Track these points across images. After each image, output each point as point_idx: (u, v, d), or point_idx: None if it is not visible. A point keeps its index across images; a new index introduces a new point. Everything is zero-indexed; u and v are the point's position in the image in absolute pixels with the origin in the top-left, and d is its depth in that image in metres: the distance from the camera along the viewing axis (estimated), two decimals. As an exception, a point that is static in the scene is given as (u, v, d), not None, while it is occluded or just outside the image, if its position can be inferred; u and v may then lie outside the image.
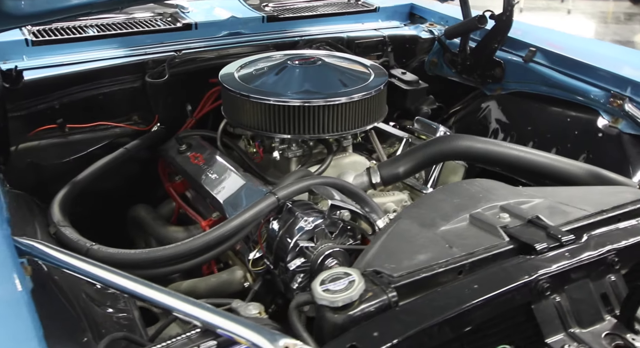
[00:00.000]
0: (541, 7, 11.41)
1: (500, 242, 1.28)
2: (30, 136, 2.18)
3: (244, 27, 2.66)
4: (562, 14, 11.00)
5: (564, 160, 1.78)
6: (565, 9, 11.30)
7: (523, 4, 10.94)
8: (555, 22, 9.80)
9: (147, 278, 1.76)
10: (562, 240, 1.26)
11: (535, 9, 11.11)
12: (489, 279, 1.19)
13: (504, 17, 2.52)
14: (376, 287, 1.15)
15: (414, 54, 2.99)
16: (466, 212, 1.40)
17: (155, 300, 1.17)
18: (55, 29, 2.43)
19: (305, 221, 1.59)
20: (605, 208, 1.40)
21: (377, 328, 1.07)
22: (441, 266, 1.21)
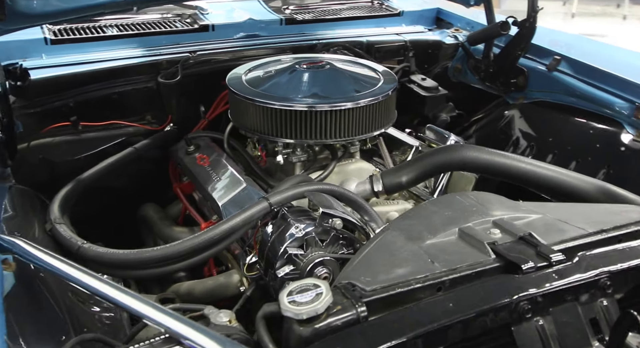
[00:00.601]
0: (595, 13, 10.99)
1: (486, 259, 1.23)
2: (44, 133, 2.22)
3: (262, 29, 2.65)
4: (617, 20, 10.53)
5: (572, 175, 1.70)
6: (620, 15, 10.83)
7: (575, 9, 10.60)
8: (610, 29, 9.46)
9: (137, 278, 1.78)
10: (551, 260, 1.20)
11: (588, 15, 10.72)
12: (466, 298, 1.14)
13: (527, 24, 2.44)
14: (346, 300, 1.11)
15: (437, 60, 2.93)
16: (456, 226, 1.35)
17: (125, 305, 1.16)
18: (75, 28, 2.48)
19: (297, 228, 1.56)
20: (605, 228, 1.33)
21: (341, 343, 1.04)
22: (419, 281, 1.16)
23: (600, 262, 1.22)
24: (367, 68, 2.24)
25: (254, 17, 2.66)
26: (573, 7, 10.68)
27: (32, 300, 1.39)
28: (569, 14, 10.70)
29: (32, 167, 2.17)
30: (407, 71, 2.78)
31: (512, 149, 2.48)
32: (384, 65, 2.67)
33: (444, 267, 1.21)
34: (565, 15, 10.72)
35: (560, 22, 10.28)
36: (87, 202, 2.22)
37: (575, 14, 10.57)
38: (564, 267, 1.20)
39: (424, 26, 3.09)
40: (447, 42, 2.91)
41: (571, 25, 9.94)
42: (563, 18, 10.61)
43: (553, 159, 2.30)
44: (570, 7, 10.81)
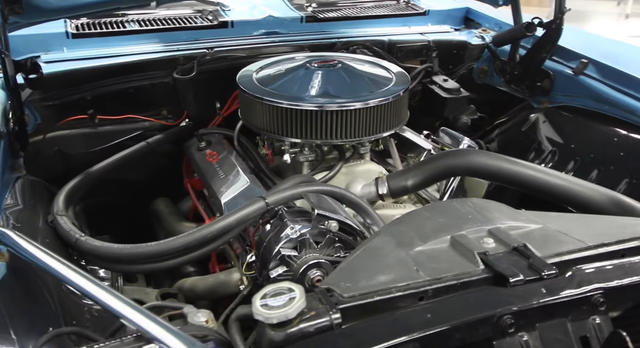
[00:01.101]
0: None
1: (474, 270, 1.18)
2: (60, 125, 2.25)
3: (282, 26, 2.64)
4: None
5: (583, 184, 1.63)
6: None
7: (630, 10, 10.24)
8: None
9: (131, 273, 1.78)
10: (542, 274, 1.15)
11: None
12: (446, 309, 1.10)
13: (553, 26, 2.35)
14: (322, 306, 1.08)
15: (462, 61, 2.86)
16: (448, 234, 1.30)
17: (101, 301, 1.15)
18: (97, 23, 2.51)
19: (292, 229, 1.54)
20: (607, 241, 1.27)
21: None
22: (400, 290, 1.12)
23: (595, 278, 1.16)
24: (380, 68, 2.20)
25: (274, 14, 2.64)
26: (628, 7, 10.31)
27: (24, 291, 1.41)
28: (623, 14, 10.34)
29: (47, 159, 2.21)
30: (430, 72, 2.72)
31: (534, 154, 2.40)
32: (406, 65, 2.64)
33: (428, 275, 1.16)
34: (619, 16, 10.37)
35: (614, 22, 9.95)
36: (102, 194, 2.26)
37: (629, 14, 10.19)
38: (554, 281, 1.15)
39: (451, 26, 3.02)
40: (473, 43, 2.84)
41: (625, 26, 9.60)
42: (617, 19, 10.26)
43: (574, 166, 2.22)
44: (624, 7, 10.44)
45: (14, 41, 2.30)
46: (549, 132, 2.40)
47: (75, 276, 1.20)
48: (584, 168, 2.17)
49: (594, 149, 2.20)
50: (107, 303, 1.13)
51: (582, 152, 2.23)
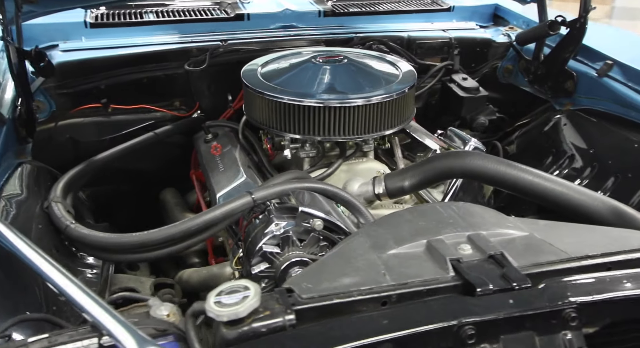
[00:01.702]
0: None
1: (443, 276, 1.14)
2: (73, 113, 2.29)
3: (299, 20, 2.61)
4: None
5: (583, 192, 1.55)
6: None
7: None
8: None
9: (117, 262, 1.80)
10: (513, 284, 1.10)
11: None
12: (406, 316, 1.06)
13: (577, 24, 2.26)
14: (278, 306, 1.06)
15: (486, 59, 2.77)
16: (425, 238, 1.26)
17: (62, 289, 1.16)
18: (115, 13, 2.55)
19: (277, 225, 1.52)
20: (593, 253, 1.20)
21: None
22: (361, 293, 1.09)
23: (570, 291, 1.10)
24: (388, 64, 2.15)
25: (291, 7, 2.62)
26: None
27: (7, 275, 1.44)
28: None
29: (59, 146, 2.25)
30: (451, 69, 2.65)
31: (551, 158, 2.32)
32: (425, 62, 2.59)
33: (395, 280, 1.13)
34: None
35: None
36: (112, 182, 2.30)
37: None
38: (525, 293, 1.09)
39: (478, 23, 2.94)
40: (498, 41, 2.75)
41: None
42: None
43: (591, 172, 2.13)
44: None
45: (34, 29, 2.37)
46: (569, 136, 2.30)
47: (42, 263, 1.21)
48: (600, 174, 2.08)
49: (613, 156, 2.10)
50: (67, 292, 1.14)
51: (600, 157, 2.13)
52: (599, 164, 2.11)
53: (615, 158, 2.09)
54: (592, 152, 2.17)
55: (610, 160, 2.09)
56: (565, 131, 2.32)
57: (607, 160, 2.10)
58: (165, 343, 1.11)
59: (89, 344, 1.02)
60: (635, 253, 1.22)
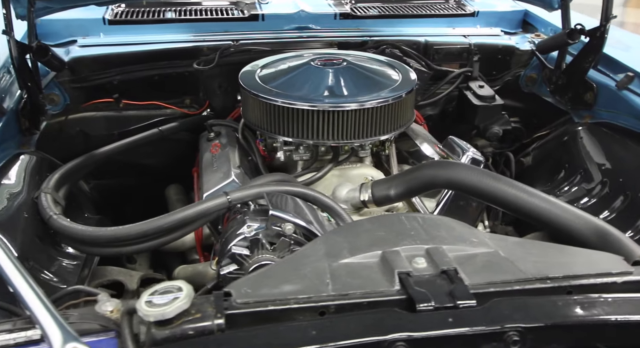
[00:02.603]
0: None
1: (387, 290, 1.10)
2: (85, 106, 2.35)
3: (314, 22, 2.60)
4: None
5: (568, 210, 1.48)
6: None
7: None
8: None
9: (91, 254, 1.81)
10: (457, 302, 1.05)
11: None
12: (336, 329, 1.03)
13: (597, 34, 2.15)
14: (211, 309, 1.06)
15: (508, 67, 2.68)
16: (381, 248, 1.22)
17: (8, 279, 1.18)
18: (133, 11, 2.60)
19: (249, 227, 1.51)
20: (553, 275, 1.14)
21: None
22: (298, 302, 1.07)
23: (516, 313, 1.05)
24: (390, 68, 2.11)
25: (307, 9, 2.61)
26: None
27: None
28: None
29: (69, 138, 2.32)
30: (469, 76, 2.58)
31: (564, 173, 2.22)
32: (442, 68, 2.53)
33: (337, 290, 1.10)
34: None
35: None
36: (118, 175, 2.34)
37: None
38: (467, 312, 1.05)
39: (506, 29, 2.85)
40: (522, 49, 2.65)
41: None
42: None
43: (601, 190, 2.03)
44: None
45: (56, 25, 2.46)
46: (584, 151, 2.20)
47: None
48: (610, 192, 1.98)
49: (624, 172, 1.99)
50: (13, 283, 1.16)
51: (611, 173, 2.03)
52: (610, 181, 2.01)
53: (626, 175, 1.98)
54: (605, 169, 2.07)
55: (622, 178, 1.98)
56: (581, 146, 2.22)
57: (617, 176, 1.99)
58: (105, 339, 1.12)
59: (17, 337, 1.04)
60: (600, 278, 1.15)
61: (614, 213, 1.91)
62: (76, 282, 1.68)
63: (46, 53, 1.98)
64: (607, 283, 1.14)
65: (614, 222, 1.90)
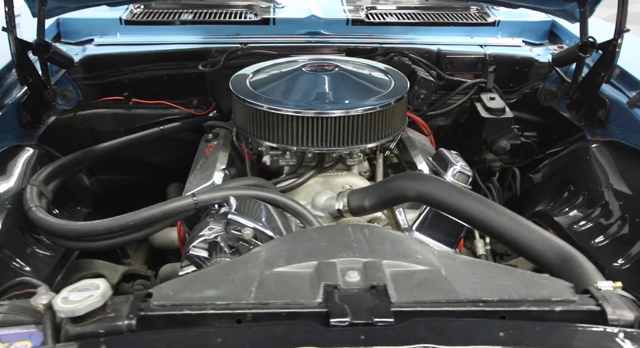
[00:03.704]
0: None
1: (308, 302, 1.08)
2: (95, 103, 2.42)
3: (325, 27, 2.58)
4: None
5: (535, 231, 1.40)
6: None
7: None
8: None
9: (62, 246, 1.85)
10: (374, 319, 1.02)
11: None
12: (242, 338, 1.02)
13: (610, 47, 2.05)
14: (126, 310, 1.06)
15: (527, 79, 2.58)
16: (318, 259, 1.20)
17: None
18: (151, 12, 2.67)
19: (210, 229, 1.51)
20: (487, 299, 1.09)
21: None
22: (215, 308, 1.06)
23: (432, 336, 1.00)
24: (385, 76, 2.07)
25: (320, 14, 2.60)
26: None
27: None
28: None
29: (78, 134, 2.39)
30: (483, 88, 2.50)
31: (567, 194, 2.11)
32: (454, 78, 2.47)
33: (259, 299, 1.09)
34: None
35: None
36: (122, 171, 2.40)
37: None
38: (381, 331, 1.01)
39: (530, 40, 2.74)
40: (541, 61, 2.55)
41: None
42: None
43: (600, 212, 1.92)
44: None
45: (77, 24, 2.55)
46: (589, 171, 2.08)
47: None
48: (607, 215, 1.87)
49: (625, 195, 1.88)
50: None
51: (613, 195, 1.92)
52: (611, 204, 1.90)
53: (627, 198, 1.87)
54: (608, 191, 1.95)
55: (622, 200, 1.87)
56: (589, 166, 2.10)
57: (619, 198, 1.88)
58: (34, 332, 1.14)
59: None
60: (538, 305, 1.09)
61: (607, 239, 1.81)
62: (49, 273, 1.72)
63: (47, 50, 2.05)
64: (544, 311, 1.08)
65: (607, 248, 1.81)
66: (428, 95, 2.37)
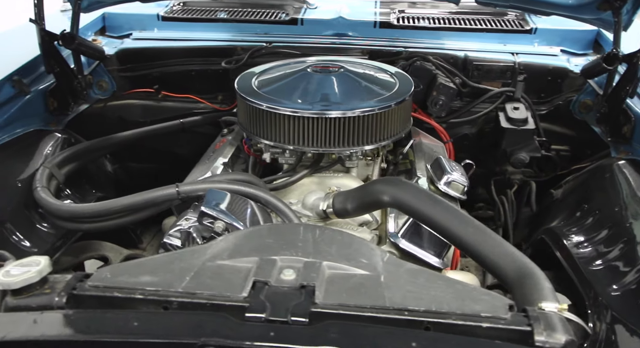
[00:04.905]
0: None
1: (233, 295, 1.10)
2: (126, 94, 2.54)
3: (352, 29, 2.58)
4: None
5: (500, 245, 1.34)
6: None
7: None
8: None
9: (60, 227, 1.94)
10: (289, 318, 1.03)
11: None
12: (158, 323, 1.05)
13: (634, 60, 1.94)
14: (61, 287, 1.13)
15: (560, 90, 2.47)
16: (261, 255, 1.22)
17: None
18: (187, 9, 2.76)
19: (187, 220, 1.56)
20: (413, 308, 1.08)
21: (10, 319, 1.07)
22: (144, 294, 1.11)
23: (341, 339, 1.00)
24: (392, 78, 2.04)
25: (348, 16, 2.60)
26: None
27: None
28: None
29: (108, 122, 2.51)
30: (511, 97, 2.42)
31: (579, 213, 2.00)
32: (480, 86, 2.42)
33: (188, 288, 1.12)
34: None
35: None
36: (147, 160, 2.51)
37: None
38: (293, 329, 1.02)
39: (573, 49, 2.62)
40: (576, 71, 2.43)
41: None
42: None
43: (607, 233, 1.81)
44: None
45: (120, 19, 2.69)
46: (604, 191, 1.97)
47: None
48: (612, 238, 1.76)
49: (635, 218, 1.77)
50: None
51: (622, 219, 1.80)
52: (616, 224, 1.79)
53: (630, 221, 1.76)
54: (617, 210, 1.84)
55: (628, 222, 1.76)
56: (605, 185, 1.98)
57: (624, 222, 1.77)
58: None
59: None
60: (465, 319, 1.06)
61: (606, 263, 1.70)
62: (47, 249, 1.83)
63: (72, 41, 2.16)
64: (470, 325, 1.05)
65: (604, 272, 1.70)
66: (447, 102, 2.32)
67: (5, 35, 2.45)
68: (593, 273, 1.71)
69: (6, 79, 2.02)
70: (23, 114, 2.06)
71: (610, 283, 1.65)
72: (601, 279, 1.67)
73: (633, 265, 1.63)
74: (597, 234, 1.84)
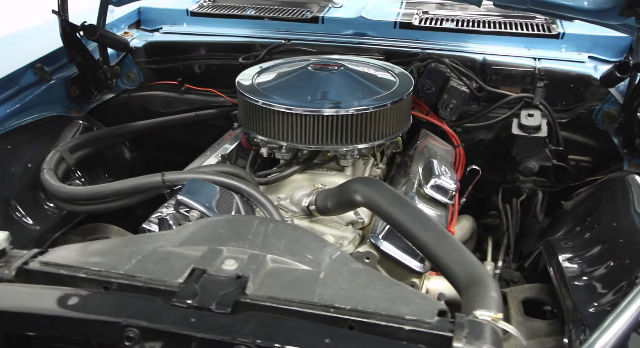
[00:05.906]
0: None
1: (169, 281, 1.14)
2: (151, 85, 2.64)
3: (372, 29, 2.58)
4: None
5: (459, 251, 1.32)
6: None
7: None
8: None
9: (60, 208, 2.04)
10: (212, 306, 1.06)
11: None
12: (90, 303, 1.11)
13: (646, 69, 1.85)
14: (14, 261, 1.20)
15: (583, 98, 2.38)
16: (210, 245, 1.26)
17: None
18: (216, 5, 2.83)
19: (167, 207, 1.62)
20: (340, 306, 1.09)
21: None
22: (87, 273, 1.17)
23: (258, 330, 1.03)
24: (394, 78, 2.03)
25: (368, 16, 2.59)
26: None
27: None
28: None
29: (132, 112, 2.61)
30: (529, 103, 2.35)
31: (580, 228, 1.93)
32: (498, 90, 2.37)
33: (130, 271, 1.17)
34: None
35: None
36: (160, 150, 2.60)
37: None
38: (213, 317, 1.06)
39: (604, 56, 2.50)
40: None
41: None
42: None
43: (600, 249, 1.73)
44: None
45: (153, 13, 2.80)
46: (609, 204, 1.88)
47: None
48: (603, 255, 1.69)
49: (629, 234, 1.69)
50: None
51: (617, 235, 1.73)
52: (610, 240, 1.72)
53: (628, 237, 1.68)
54: (615, 225, 1.76)
55: (622, 239, 1.68)
56: (611, 198, 1.90)
57: (617, 238, 1.69)
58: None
59: None
60: (389, 320, 1.06)
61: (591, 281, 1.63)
62: (48, 228, 1.94)
63: (94, 33, 2.26)
64: (392, 327, 1.05)
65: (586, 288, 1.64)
66: (458, 105, 2.28)
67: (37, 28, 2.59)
68: (577, 289, 1.65)
69: (28, 66, 2.15)
70: (44, 99, 2.18)
71: (590, 301, 1.58)
72: (582, 295, 1.61)
73: (613, 286, 1.56)
74: (590, 249, 1.77)
